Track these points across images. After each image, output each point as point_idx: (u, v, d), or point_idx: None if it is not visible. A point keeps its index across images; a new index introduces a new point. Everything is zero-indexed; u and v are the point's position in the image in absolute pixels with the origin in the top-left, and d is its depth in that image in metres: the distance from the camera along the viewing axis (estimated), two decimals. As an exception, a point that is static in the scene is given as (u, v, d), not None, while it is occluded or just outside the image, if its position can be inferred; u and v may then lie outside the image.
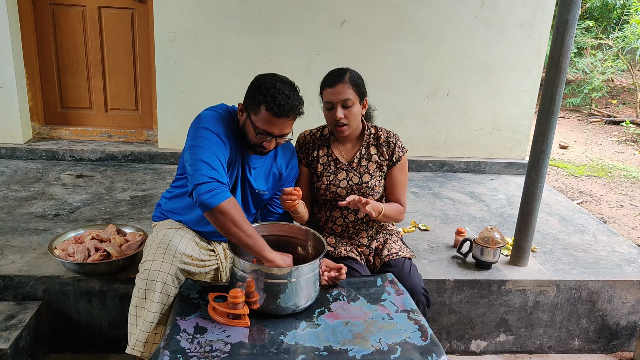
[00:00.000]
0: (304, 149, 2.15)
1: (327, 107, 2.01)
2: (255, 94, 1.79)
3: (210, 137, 1.78)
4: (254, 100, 1.79)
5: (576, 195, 4.70)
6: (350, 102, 1.97)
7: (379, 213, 1.99)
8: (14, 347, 1.98)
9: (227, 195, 1.69)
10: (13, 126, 3.83)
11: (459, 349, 2.56)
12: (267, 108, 1.76)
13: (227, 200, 1.68)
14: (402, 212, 2.14)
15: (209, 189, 1.67)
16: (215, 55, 3.82)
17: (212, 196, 1.66)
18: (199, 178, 1.69)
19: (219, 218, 1.68)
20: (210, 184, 1.68)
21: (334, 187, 2.10)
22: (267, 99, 1.75)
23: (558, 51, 2.29)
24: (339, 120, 1.98)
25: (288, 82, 1.83)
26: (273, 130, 1.80)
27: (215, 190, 1.67)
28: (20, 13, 3.73)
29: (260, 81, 1.82)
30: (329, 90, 1.98)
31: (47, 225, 2.71)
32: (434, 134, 4.21)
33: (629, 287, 2.55)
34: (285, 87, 1.79)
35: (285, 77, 1.85)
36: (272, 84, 1.78)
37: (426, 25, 3.93)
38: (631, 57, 8.10)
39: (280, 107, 1.75)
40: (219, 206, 1.66)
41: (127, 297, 2.19)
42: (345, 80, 1.97)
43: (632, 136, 6.99)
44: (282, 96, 1.76)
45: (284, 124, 1.81)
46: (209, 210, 1.67)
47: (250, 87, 1.84)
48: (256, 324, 1.62)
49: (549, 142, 2.39)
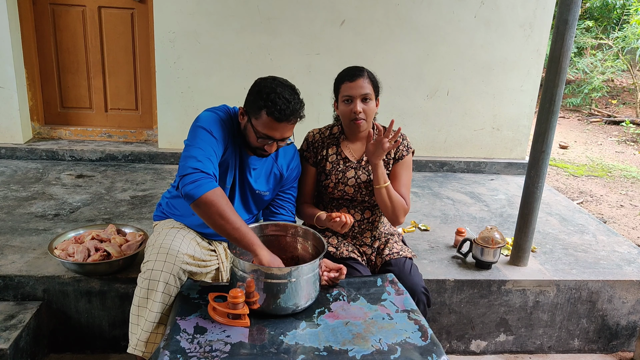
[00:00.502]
0: (313, 147, 2.14)
1: (345, 100, 2.01)
2: (256, 98, 1.78)
3: (202, 135, 1.78)
4: (255, 105, 1.78)
5: (576, 195, 4.70)
6: (369, 96, 2.00)
7: (384, 182, 2.00)
8: (14, 347, 1.98)
9: (212, 186, 1.67)
10: (13, 126, 3.83)
11: (459, 349, 2.56)
12: (268, 113, 1.75)
13: (212, 190, 1.66)
14: (405, 209, 2.09)
15: (193, 179, 1.66)
16: (215, 55, 3.82)
17: (197, 187, 1.65)
18: (185, 170, 1.69)
19: (203, 209, 1.66)
20: (194, 174, 1.67)
21: (342, 185, 2.11)
22: (268, 103, 1.74)
23: (558, 51, 2.29)
24: (357, 114, 1.98)
25: (289, 86, 1.82)
26: (274, 134, 1.80)
27: (200, 181, 1.66)
28: (20, 13, 3.74)
29: (261, 85, 1.80)
30: (349, 84, 1.99)
31: (47, 225, 2.71)
32: (434, 134, 4.21)
33: (629, 287, 2.55)
34: (285, 91, 1.77)
35: (286, 80, 1.85)
36: (272, 88, 1.77)
37: (426, 25, 3.93)
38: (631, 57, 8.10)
39: (281, 111, 1.75)
40: (204, 196, 1.64)
41: (127, 297, 2.20)
42: (365, 76, 2.01)
43: (632, 136, 6.99)
44: (283, 100, 1.75)
45: (285, 128, 1.80)
46: (194, 201, 1.65)
47: (251, 91, 1.83)
48: (256, 324, 1.62)
49: (549, 142, 2.39)
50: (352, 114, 1.99)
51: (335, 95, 2.08)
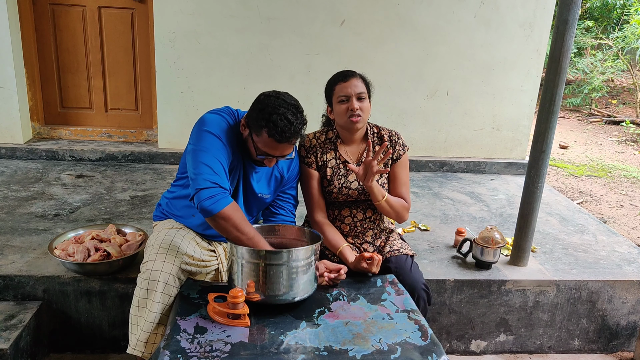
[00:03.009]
0: (313, 152, 2.13)
1: (340, 100, 2.01)
2: (258, 116, 1.75)
3: (213, 141, 1.76)
4: (257, 124, 1.76)
5: (576, 195, 4.70)
6: (364, 95, 2.01)
7: (382, 197, 2.01)
8: (14, 347, 1.98)
9: (228, 201, 1.69)
10: (13, 126, 3.83)
11: (459, 349, 2.56)
12: (269, 134, 1.73)
13: (228, 205, 1.68)
14: (407, 208, 2.12)
15: (210, 194, 1.67)
16: (215, 55, 3.82)
17: (214, 202, 1.66)
18: (201, 183, 1.68)
19: (220, 223, 1.69)
20: (212, 189, 1.68)
21: (345, 189, 2.11)
22: (270, 124, 1.72)
23: (558, 51, 2.29)
24: (354, 111, 1.99)
25: (292, 104, 1.77)
26: (274, 152, 1.80)
27: (217, 197, 1.67)
28: (20, 13, 3.74)
29: (264, 103, 1.76)
30: (343, 84, 2.01)
31: (47, 225, 2.71)
32: (433, 134, 4.21)
33: (629, 287, 2.55)
34: (288, 112, 1.74)
35: (289, 97, 1.81)
36: (275, 108, 1.73)
37: (426, 25, 3.93)
38: (631, 57, 8.11)
39: (282, 134, 1.73)
40: (221, 212, 1.67)
41: (127, 297, 2.20)
42: (357, 77, 2.03)
43: (632, 136, 6.99)
44: (285, 122, 1.72)
45: (285, 148, 1.80)
46: (211, 216, 1.68)
47: (254, 107, 1.79)
48: (256, 324, 1.62)
49: (549, 142, 2.39)
50: (349, 112, 1.99)
51: (329, 99, 2.07)
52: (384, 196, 2.02)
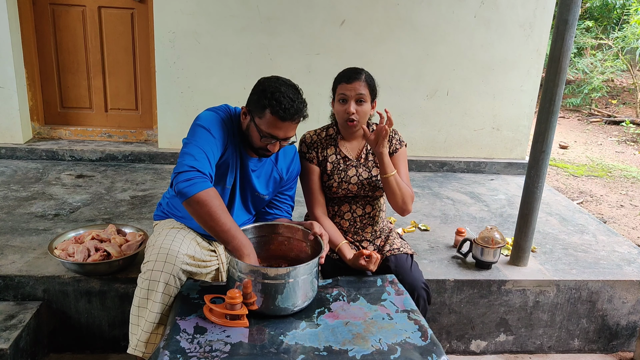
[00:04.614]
0: (314, 147, 2.16)
1: (340, 98, 2.04)
2: (259, 97, 1.78)
3: (201, 133, 1.78)
4: (259, 104, 1.78)
5: (576, 195, 4.70)
6: (363, 97, 2.03)
7: (392, 171, 2.01)
8: (14, 347, 1.98)
9: (206, 186, 1.66)
10: (13, 126, 3.83)
11: (459, 349, 2.56)
12: (272, 112, 1.76)
13: (205, 190, 1.65)
14: (412, 196, 2.10)
15: (187, 177, 1.65)
16: (215, 55, 3.82)
17: (190, 185, 1.64)
18: (180, 167, 1.68)
19: (195, 208, 1.65)
20: (189, 172, 1.66)
21: (345, 184, 2.13)
22: (272, 102, 1.75)
23: (558, 51, 2.29)
24: (350, 115, 2.02)
25: (292, 85, 1.83)
26: (278, 133, 1.80)
27: (195, 180, 1.65)
28: (20, 13, 3.74)
29: (265, 84, 1.81)
30: (346, 85, 2.03)
31: (47, 225, 2.71)
32: (433, 134, 4.21)
33: (629, 287, 2.55)
34: (289, 91, 1.78)
35: (289, 80, 1.85)
36: (276, 87, 1.77)
37: (426, 25, 3.93)
38: (631, 57, 8.11)
39: (285, 110, 1.75)
40: (196, 195, 1.63)
41: (127, 297, 2.20)
42: (362, 79, 2.04)
43: (632, 136, 6.99)
44: (287, 100, 1.75)
45: (289, 127, 1.81)
46: (186, 199, 1.64)
47: (254, 91, 1.83)
48: (256, 324, 1.62)
49: (549, 142, 2.39)
50: (346, 114, 2.04)
51: (333, 94, 2.11)
52: (393, 171, 2.02)
